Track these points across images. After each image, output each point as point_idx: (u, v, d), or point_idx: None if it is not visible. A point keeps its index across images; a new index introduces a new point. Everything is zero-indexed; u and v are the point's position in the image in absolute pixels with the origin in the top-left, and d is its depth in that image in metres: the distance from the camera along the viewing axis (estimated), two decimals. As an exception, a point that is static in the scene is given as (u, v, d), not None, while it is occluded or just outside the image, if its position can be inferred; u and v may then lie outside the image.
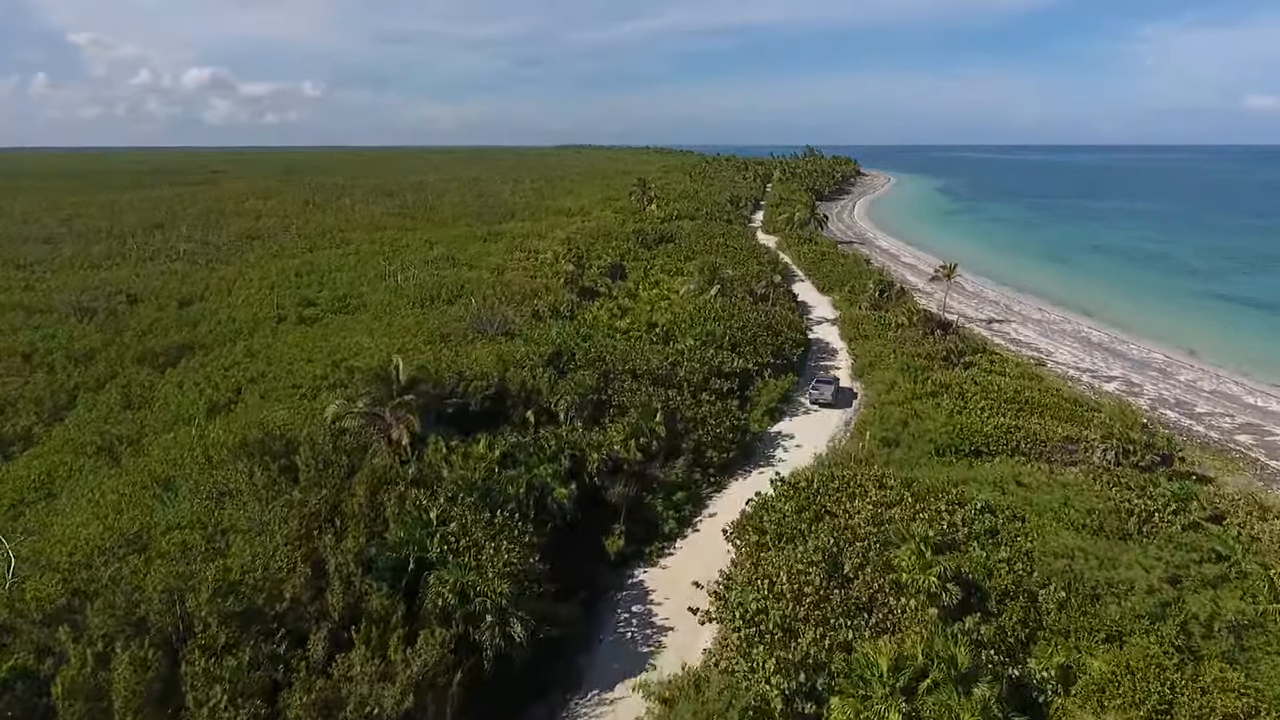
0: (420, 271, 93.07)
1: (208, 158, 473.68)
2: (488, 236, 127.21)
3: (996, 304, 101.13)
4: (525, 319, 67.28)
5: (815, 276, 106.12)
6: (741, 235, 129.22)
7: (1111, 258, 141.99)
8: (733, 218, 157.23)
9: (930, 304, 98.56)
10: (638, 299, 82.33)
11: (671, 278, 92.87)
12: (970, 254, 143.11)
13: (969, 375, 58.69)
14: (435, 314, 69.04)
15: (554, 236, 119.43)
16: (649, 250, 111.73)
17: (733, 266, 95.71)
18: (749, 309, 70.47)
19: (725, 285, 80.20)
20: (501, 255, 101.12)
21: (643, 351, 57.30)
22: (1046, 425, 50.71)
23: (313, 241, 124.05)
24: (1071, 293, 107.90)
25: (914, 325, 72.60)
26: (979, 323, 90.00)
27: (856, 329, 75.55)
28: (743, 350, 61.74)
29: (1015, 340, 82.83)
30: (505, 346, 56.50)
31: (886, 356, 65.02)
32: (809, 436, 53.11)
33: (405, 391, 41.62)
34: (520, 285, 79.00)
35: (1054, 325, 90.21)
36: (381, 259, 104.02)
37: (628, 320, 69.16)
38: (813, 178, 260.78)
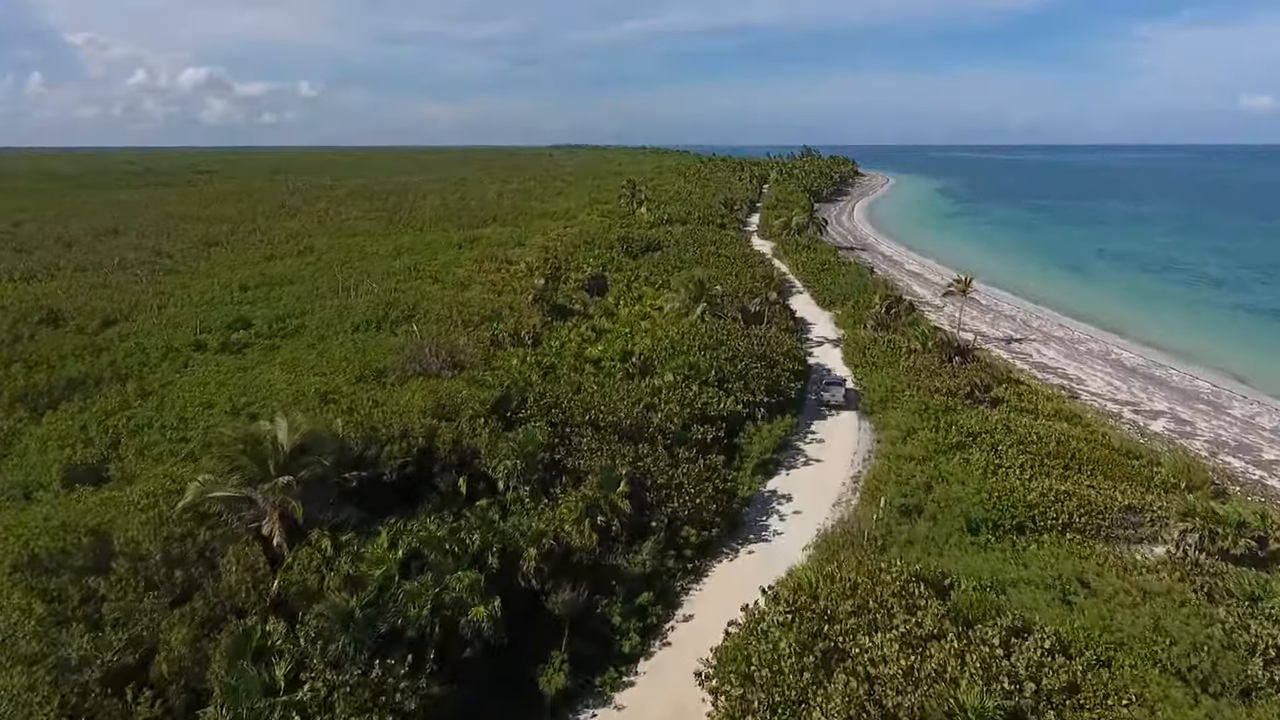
0: (378, 285, 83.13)
1: (203, 158, 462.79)
2: (463, 243, 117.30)
3: (1013, 319, 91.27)
4: (481, 347, 57.45)
5: (815, 288, 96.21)
6: (735, 242, 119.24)
7: (1126, 265, 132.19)
8: (726, 222, 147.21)
9: (941, 319, 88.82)
10: (616, 318, 72.41)
11: (656, 291, 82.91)
12: (977, 260, 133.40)
13: (999, 419, 48.75)
14: (378, 341, 59.12)
15: (533, 244, 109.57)
16: (634, 259, 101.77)
17: (724, 279, 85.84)
18: (739, 335, 60.51)
19: (714, 303, 70.33)
20: (471, 266, 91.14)
21: (612, 393, 47.36)
22: (1101, 488, 40.90)
23: (275, 248, 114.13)
24: (1091, 305, 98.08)
25: (928, 351, 62.74)
26: (996, 342, 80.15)
27: (863, 355, 65.63)
28: (732, 386, 51.83)
29: (1040, 364, 72.96)
30: (447, 386, 46.60)
31: (900, 391, 55.15)
32: (809, 497, 43.29)
33: (291, 464, 31.73)
34: (482, 304, 68.99)
35: (1080, 345, 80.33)
36: (341, 269, 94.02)
37: (601, 347, 59.22)
38: (810, 179, 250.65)
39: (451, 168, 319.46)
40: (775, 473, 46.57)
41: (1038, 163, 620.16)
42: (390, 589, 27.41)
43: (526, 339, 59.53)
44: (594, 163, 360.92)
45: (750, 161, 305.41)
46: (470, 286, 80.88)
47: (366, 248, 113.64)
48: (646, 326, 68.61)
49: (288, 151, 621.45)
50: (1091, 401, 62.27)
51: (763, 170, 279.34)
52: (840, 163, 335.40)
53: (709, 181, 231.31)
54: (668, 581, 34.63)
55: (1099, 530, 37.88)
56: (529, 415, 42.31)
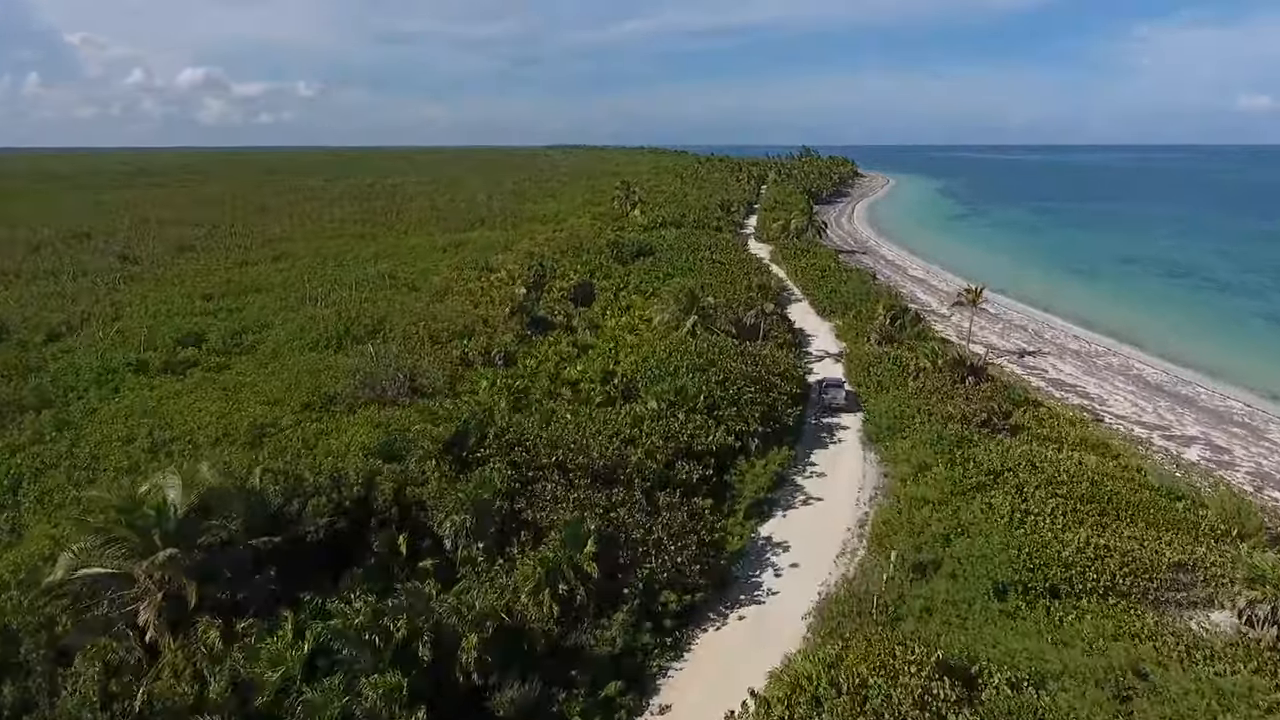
0: (349, 294, 77.59)
1: (200, 158, 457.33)
2: (447, 247, 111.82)
3: (1024, 329, 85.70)
4: (447, 368, 51.92)
5: (814, 296, 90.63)
6: (731, 246, 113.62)
7: (1137, 270, 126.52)
8: (723, 224, 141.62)
9: (948, 329, 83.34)
10: (601, 332, 66.86)
11: (646, 301, 77.36)
12: (982, 264, 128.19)
13: (1022, 453, 43.12)
14: (335, 360, 53.52)
15: (518, 249, 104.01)
16: (624, 265, 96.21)
17: (718, 287, 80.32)
18: (732, 353, 54.82)
19: (706, 315, 64.77)
20: (450, 273, 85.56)
21: (587, 424, 41.79)
22: (1144, 539, 35.35)
23: (251, 253, 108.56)
24: (1105, 314, 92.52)
25: (939, 370, 57.16)
26: (1009, 355, 74.61)
27: (867, 373, 60.02)
28: (723, 414, 46.21)
29: (1057, 381, 67.40)
30: (400, 416, 41.06)
31: (910, 417, 49.56)
32: (810, 546, 37.76)
33: (187, 529, 26.21)
34: (456, 316, 63.35)
35: (1098, 359, 74.76)
36: (312, 277, 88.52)
37: (580, 366, 53.61)
38: (809, 180, 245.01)
39: (446, 168, 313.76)
40: (771, 514, 41.02)
41: (1037, 163, 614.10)
42: (288, 699, 21.91)
43: (497, 359, 53.90)
44: (591, 163, 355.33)
45: (749, 162, 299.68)
46: (447, 296, 75.30)
47: (346, 252, 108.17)
48: (633, 341, 63.12)
49: (285, 152, 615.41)
50: (1117, 425, 56.72)
51: (761, 171, 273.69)
52: (839, 163, 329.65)
53: (706, 182, 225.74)
54: (641, 662, 29.05)
55: (1146, 593, 32.33)
56: (489, 454, 36.72)
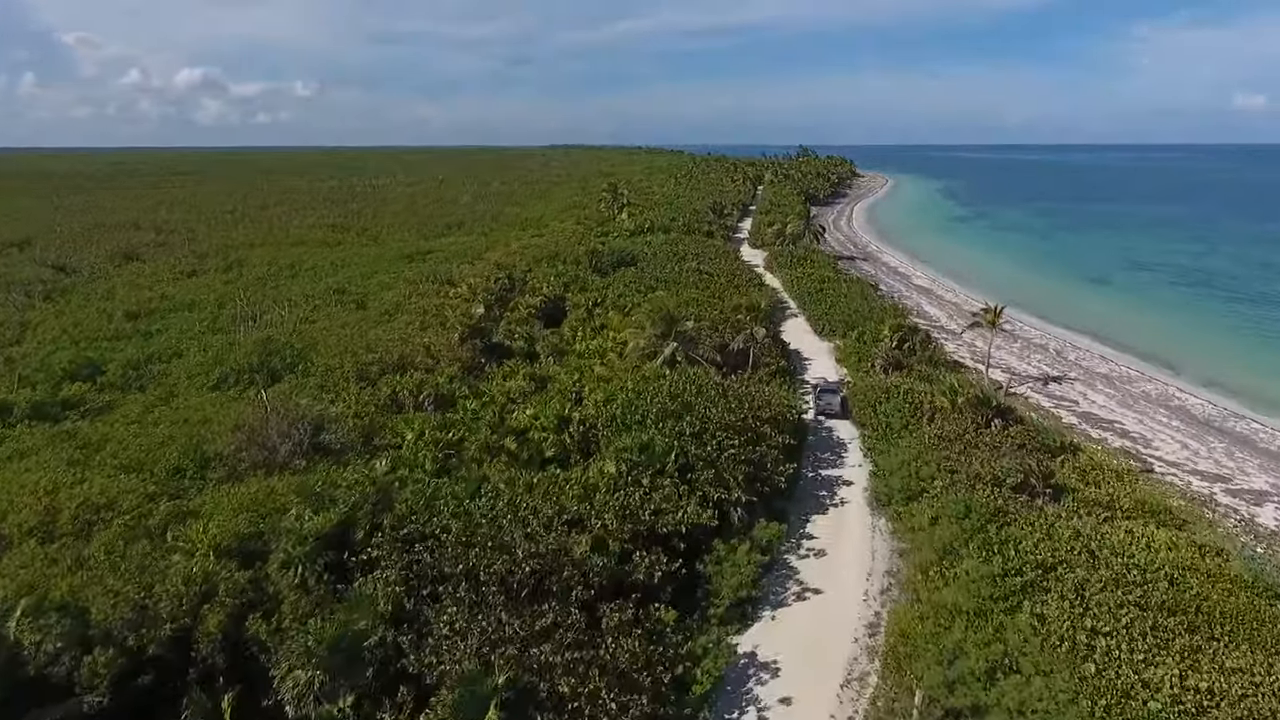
0: (287, 313, 68.37)
1: (196, 158, 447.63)
2: (415, 255, 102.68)
3: (1045, 349, 76.37)
4: (363, 419, 42.62)
5: (811, 312, 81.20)
6: (722, 254, 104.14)
7: (1155, 279, 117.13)
8: (714, 229, 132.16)
9: (960, 349, 74.15)
10: (567, 360, 57.52)
11: (624, 319, 68.01)
12: (990, 272, 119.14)
13: (1071, 533, 33.69)
14: (236, 405, 44.18)
15: (490, 257, 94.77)
16: (603, 277, 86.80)
17: (705, 303, 71.02)
18: (714, 393, 45.15)
19: (686, 340, 55.46)
20: (406, 287, 76.21)
21: (522, 500, 32.48)
22: (1253, 669, 26.05)
23: (201, 262, 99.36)
24: (1131, 331, 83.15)
25: (958, 410, 47.82)
26: (1031, 382, 65.36)
27: (874, 411, 50.57)
28: (698, 477, 36.89)
29: (1089, 415, 58.13)
30: (280, 490, 31.71)
31: (928, 475, 40.25)
32: (804, 670, 28.48)
33: None
34: (395, 344, 53.90)
35: (1132, 386, 65.43)
36: (259, 290, 79.34)
37: (532, 410, 44.17)
38: (807, 180, 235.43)
39: (436, 168, 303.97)
40: (755, 617, 31.71)
41: (1036, 162, 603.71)
42: None
43: (426, 404, 44.50)
44: (585, 163, 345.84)
45: (745, 162, 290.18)
46: (397, 315, 65.98)
47: (305, 261, 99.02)
48: (602, 372, 53.74)
49: (280, 152, 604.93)
50: (1170, 477, 47.41)
51: (757, 171, 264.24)
52: (838, 163, 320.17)
53: (700, 184, 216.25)
54: None
55: (1269, 766, 23.07)
56: (379, 556, 27.39)
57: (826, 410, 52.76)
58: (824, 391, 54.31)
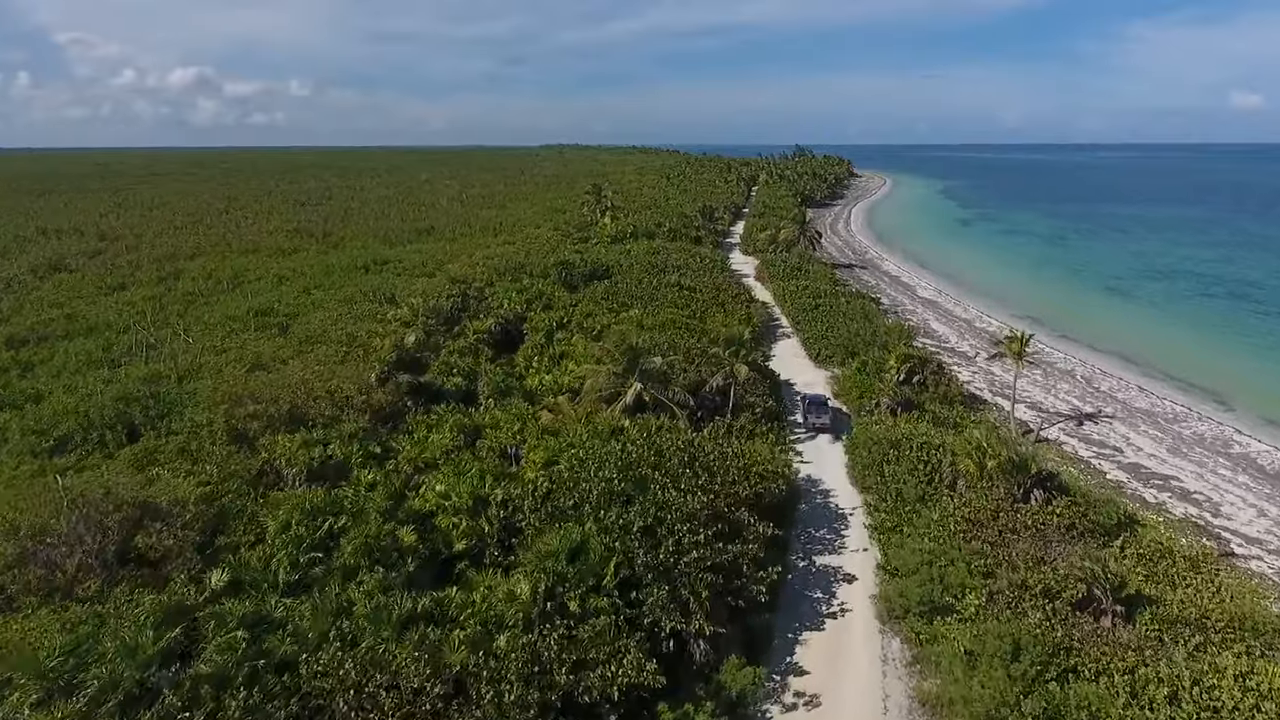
0: (198, 340, 58.30)
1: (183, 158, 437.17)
2: (372, 265, 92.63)
3: (1072, 377, 66.17)
4: (241, 486, 32.59)
5: (806, 331, 71.03)
6: (708, 264, 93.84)
7: (1180, 289, 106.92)
8: (703, 235, 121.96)
9: (977, 378, 64.10)
10: (511, 402, 47.26)
11: (589, 345, 57.92)
12: (1001, 282, 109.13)
13: (1170, 685, 23.74)
14: (66, 479, 33.98)
15: (451, 269, 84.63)
16: (573, 291, 76.69)
17: (680, 329, 60.96)
18: (677, 461, 35.00)
19: (653, 379, 45.31)
20: (342, 308, 65.97)
21: (383, 652, 22.40)
22: None
23: (135, 273, 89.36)
24: (1166, 353, 72.98)
25: (986, 477, 37.63)
26: (1061, 421, 55.22)
27: (881, 474, 40.40)
28: (649, 596, 26.84)
29: (1137, 468, 47.96)
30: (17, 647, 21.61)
31: (954, 581, 30.08)
32: None
33: None
34: (294, 387, 43.54)
35: (1180, 427, 55.25)
36: (180, 310, 69.29)
37: (444, 485, 34.01)
38: (803, 181, 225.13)
39: (425, 169, 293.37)
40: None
41: (1034, 162, 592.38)
42: None
43: (297, 481, 34.30)
44: (578, 164, 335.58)
45: (739, 162, 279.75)
46: (318, 345, 55.74)
47: (249, 272, 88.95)
48: (549, 422, 43.58)
49: (274, 152, 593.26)
50: (1255, 561, 37.24)
51: (752, 171, 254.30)
52: (835, 162, 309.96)
53: (691, 184, 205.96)
54: None
55: None
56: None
57: (816, 425, 49.61)
58: (813, 404, 50.61)
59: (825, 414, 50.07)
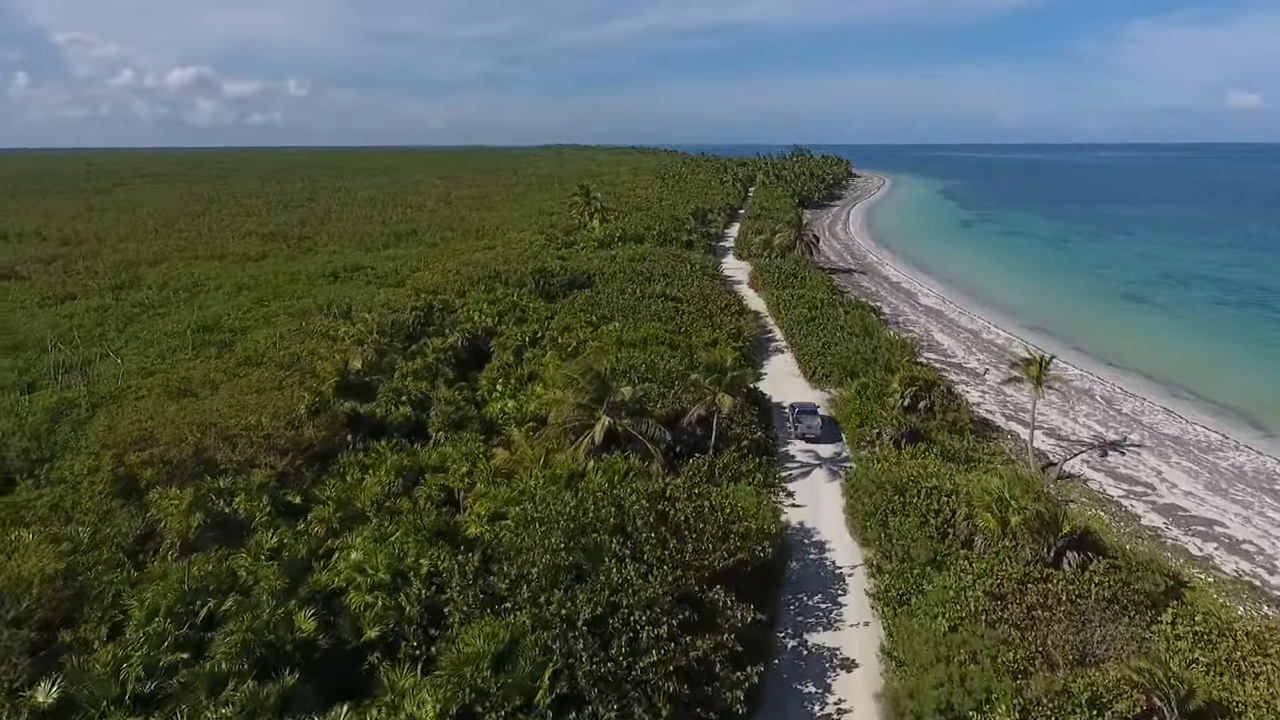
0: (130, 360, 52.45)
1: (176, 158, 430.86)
2: (341, 272, 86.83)
3: (1091, 398, 60.23)
4: (112, 555, 26.73)
5: (801, 347, 65.05)
6: (698, 270, 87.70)
7: (1196, 295, 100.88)
8: (696, 238, 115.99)
9: (988, 400, 58.22)
10: (464, 436, 41.31)
11: (562, 363, 52.05)
12: (1008, 288, 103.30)
13: None
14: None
15: (422, 277, 78.80)
16: (551, 302, 70.87)
17: (662, 349, 55.06)
18: (642, 523, 29.13)
19: (624, 414, 39.41)
20: (292, 321, 60.06)
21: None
22: None
23: (90, 281, 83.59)
24: (1191, 369, 67.06)
25: (1009, 536, 31.70)
26: (1084, 451, 49.27)
27: (884, 527, 34.48)
28: (591, 715, 21.01)
29: (1174, 511, 42.00)
30: None
31: (978, 686, 24.17)
32: None
33: None
34: (211, 421, 37.54)
35: (1216, 458, 49.25)
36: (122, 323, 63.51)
37: (360, 552, 28.13)
38: (800, 181, 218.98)
39: (420, 169, 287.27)
40: None
41: (1034, 162, 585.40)
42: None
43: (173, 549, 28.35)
44: (574, 164, 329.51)
45: (736, 162, 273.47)
46: (257, 367, 49.79)
47: (209, 280, 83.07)
48: (503, 461, 37.78)
49: (271, 152, 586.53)
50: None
51: (749, 171, 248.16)
52: (833, 162, 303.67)
53: (687, 185, 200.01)
54: None
55: None
56: None
57: (806, 435, 46.97)
58: (802, 413, 48.17)
59: (815, 422, 47.57)
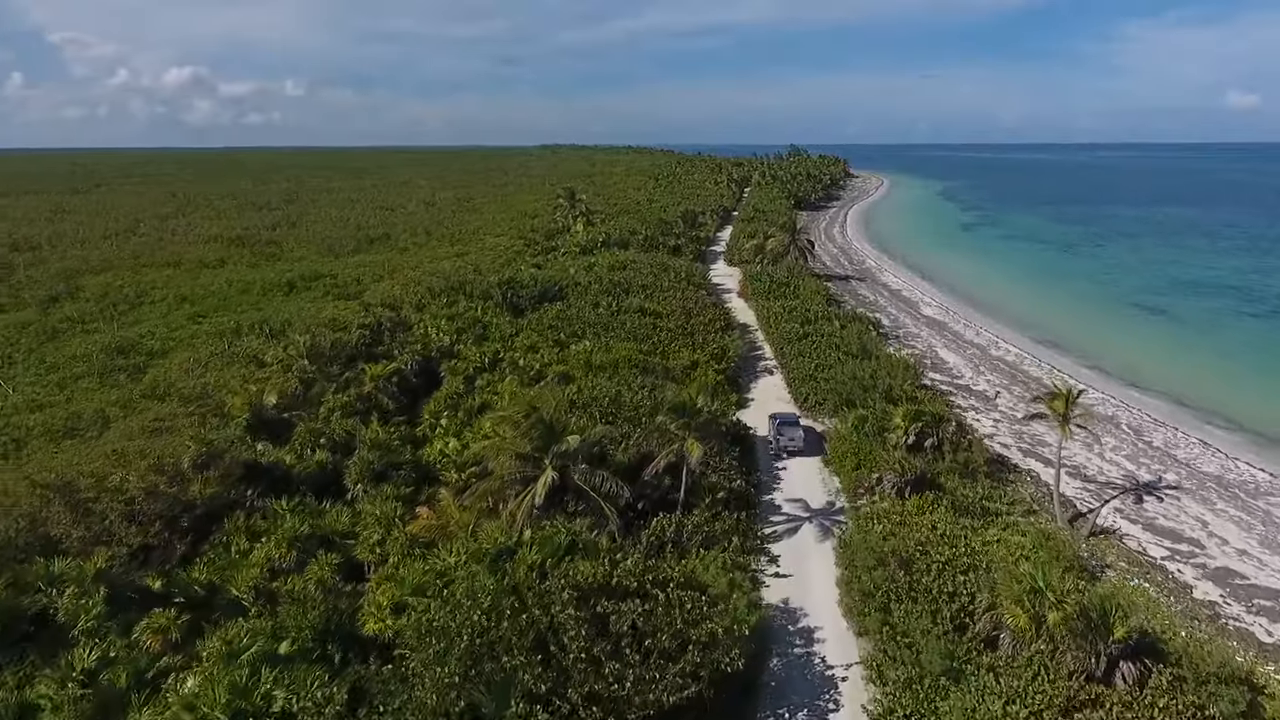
0: (17, 393, 45.63)
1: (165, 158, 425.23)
2: (298, 281, 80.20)
3: (1118, 428, 53.29)
4: None
5: (793, 368, 58.06)
6: (683, 281, 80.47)
7: (1217, 305, 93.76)
8: (683, 242, 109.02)
9: (1000, 430, 51.46)
10: (386, 489, 34.46)
11: (518, 391, 45.27)
12: (1014, 296, 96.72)
13: None
14: None
15: (382, 288, 72.05)
16: (518, 316, 64.10)
17: (636, 368, 48.29)
18: (572, 636, 22.24)
19: (576, 462, 32.58)
20: (220, 344, 53.16)
21: None
22: None
23: (21, 293, 76.85)
24: (1227, 393, 60.28)
25: (1043, 636, 24.93)
26: (1116, 495, 42.44)
27: (886, 620, 27.71)
28: None
29: (1227, 578, 35.12)
30: None
31: None
32: None
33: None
34: (60, 480, 30.75)
35: (1268, 503, 42.25)
36: (29, 345, 56.64)
37: (201, 676, 21.35)
38: (796, 182, 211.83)
39: (409, 169, 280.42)
40: None
41: (1035, 161, 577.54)
42: None
43: None
44: (568, 164, 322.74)
45: (732, 162, 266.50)
46: (163, 399, 42.98)
47: (154, 290, 76.39)
48: (423, 527, 30.98)
49: (267, 152, 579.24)
50: None
51: (745, 172, 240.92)
52: (830, 162, 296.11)
53: (680, 186, 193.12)
54: None
55: None
56: None
57: (788, 448, 44.22)
58: (784, 424, 45.29)
59: (798, 434, 44.66)
